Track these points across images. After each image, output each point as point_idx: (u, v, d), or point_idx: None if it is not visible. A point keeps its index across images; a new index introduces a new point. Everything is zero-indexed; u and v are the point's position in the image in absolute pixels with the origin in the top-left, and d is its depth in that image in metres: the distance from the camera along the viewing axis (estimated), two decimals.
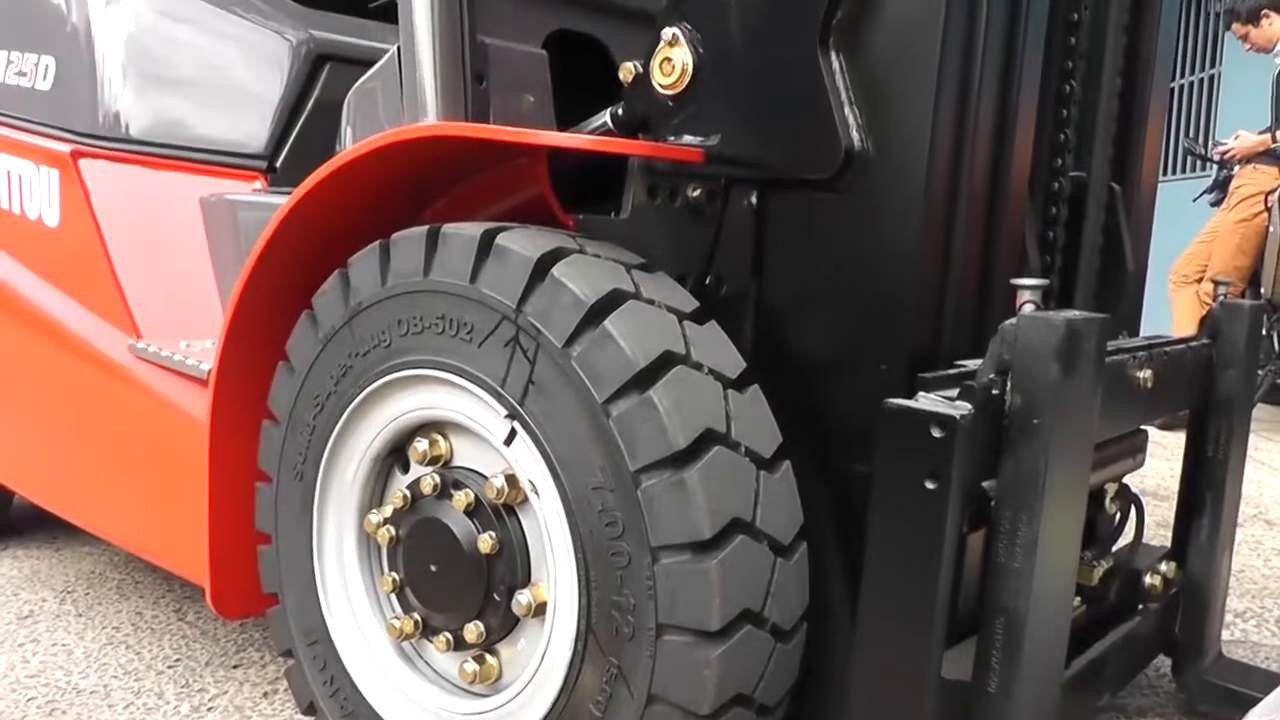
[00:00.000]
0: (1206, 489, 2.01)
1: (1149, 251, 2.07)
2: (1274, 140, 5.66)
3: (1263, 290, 5.63)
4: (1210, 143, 7.40)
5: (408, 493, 1.67)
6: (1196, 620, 2.04)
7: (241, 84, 2.33)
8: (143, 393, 2.19)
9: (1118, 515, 1.91)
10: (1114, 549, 1.92)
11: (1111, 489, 1.89)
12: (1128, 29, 1.88)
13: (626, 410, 1.36)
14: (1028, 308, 1.43)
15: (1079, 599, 1.77)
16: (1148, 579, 1.93)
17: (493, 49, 1.76)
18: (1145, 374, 1.68)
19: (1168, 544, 2.10)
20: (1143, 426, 1.90)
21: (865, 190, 1.51)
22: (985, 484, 1.34)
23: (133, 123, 2.40)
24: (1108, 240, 1.90)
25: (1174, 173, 9.65)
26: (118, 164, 2.42)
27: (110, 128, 2.41)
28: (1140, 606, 1.93)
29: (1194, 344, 1.92)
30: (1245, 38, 6.04)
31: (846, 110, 1.51)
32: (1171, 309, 6.04)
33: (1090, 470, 1.44)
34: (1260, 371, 5.48)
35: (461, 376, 1.53)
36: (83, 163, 2.44)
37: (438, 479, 1.63)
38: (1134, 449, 1.87)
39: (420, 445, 1.66)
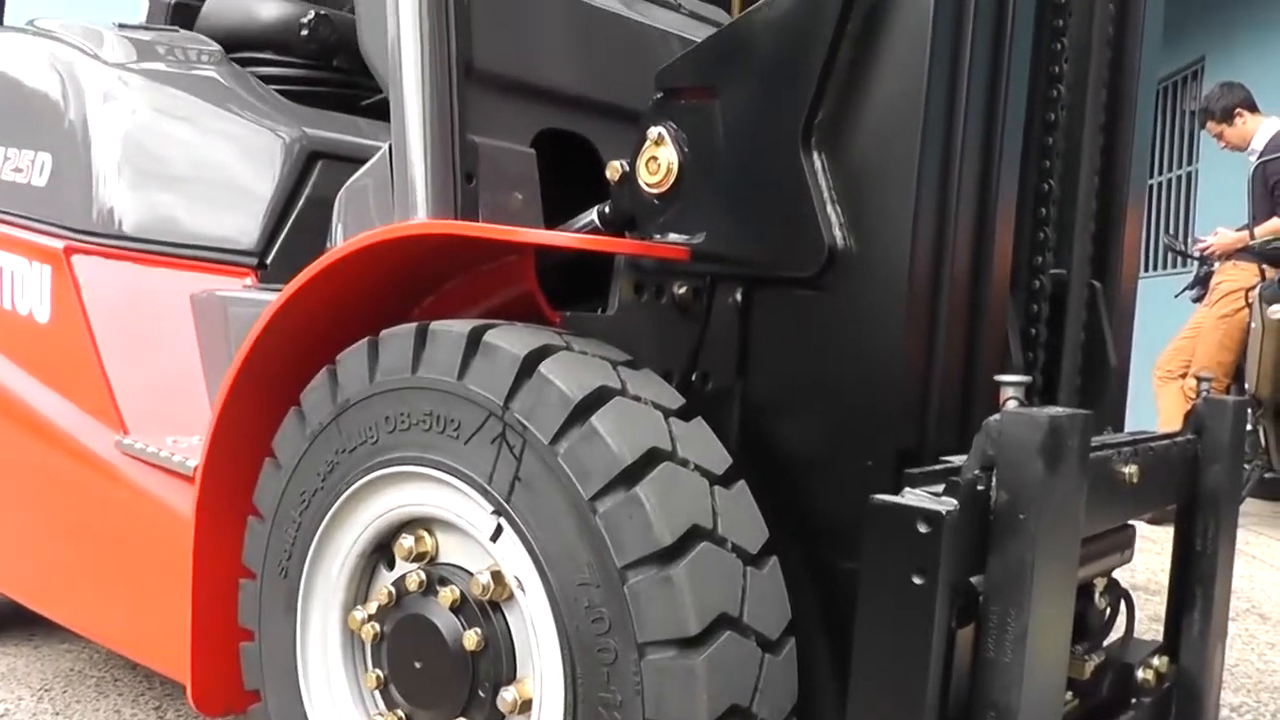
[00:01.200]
0: (1197, 583, 2.00)
1: (1131, 347, 2.09)
2: (1252, 237, 5.74)
3: (1247, 385, 5.66)
4: (1190, 239, 7.51)
5: (393, 589, 1.66)
6: (1191, 715, 2.02)
7: (234, 180, 2.36)
8: (128, 488, 2.18)
9: (1108, 609, 1.90)
10: (1105, 643, 1.91)
11: (1101, 583, 1.88)
12: (1104, 129, 1.92)
13: (613, 506, 1.36)
14: (1011, 404, 1.44)
15: (1071, 693, 1.76)
16: (1140, 673, 1.92)
17: (482, 148, 1.79)
18: (1131, 469, 1.69)
19: (1159, 638, 2.09)
20: (1130, 521, 1.90)
21: (848, 288, 1.52)
22: (973, 579, 1.34)
23: (126, 219, 2.42)
24: (1090, 337, 1.92)
25: (1155, 269, 9.77)
26: (110, 260, 2.44)
27: (104, 224, 2.44)
28: (1133, 701, 1.91)
29: (1179, 439, 1.93)
30: (1220, 136, 6.15)
31: (829, 208, 1.53)
32: (1157, 404, 6.07)
33: (1078, 565, 1.43)
34: (1246, 466, 5.48)
35: (448, 473, 1.53)
36: (75, 258, 2.46)
37: (423, 575, 1.62)
38: (1122, 544, 1.87)
39: (406, 541, 1.65)
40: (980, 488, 1.32)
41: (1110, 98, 1.94)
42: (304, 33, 2.44)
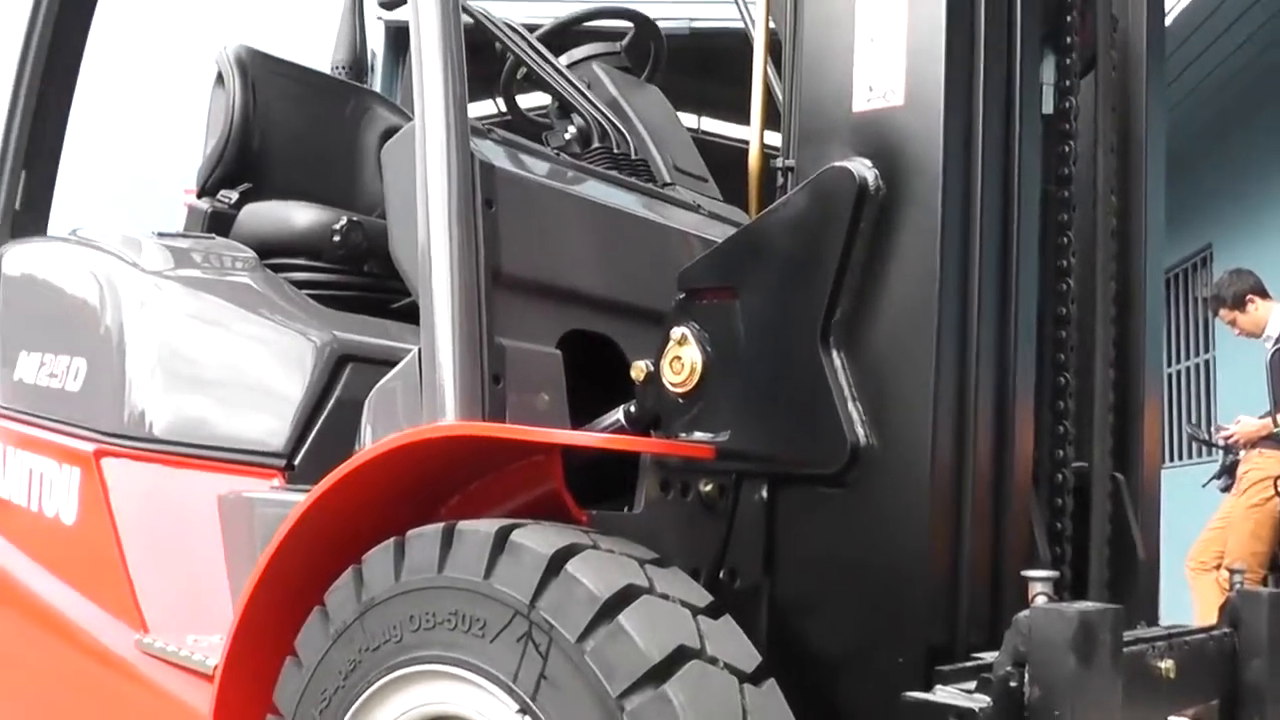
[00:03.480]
0: None
1: (1160, 539, 2.08)
2: (1275, 424, 5.72)
3: None
4: (1213, 427, 7.49)
5: None
6: None
7: (264, 384, 2.41)
8: (147, 688, 2.16)
9: None
10: None
11: None
12: (1115, 320, 1.96)
13: (641, 706, 1.34)
14: (1040, 599, 1.44)
15: None
16: None
17: (510, 350, 1.84)
18: (1167, 664, 1.66)
19: None
20: (1170, 718, 1.85)
21: (872, 484, 1.54)
22: None
23: (156, 422, 2.46)
24: (1116, 529, 1.91)
25: (1179, 459, 9.71)
26: (139, 462, 2.47)
27: (134, 427, 2.47)
28: None
29: (1216, 633, 1.90)
30: (1233, 323, 6.16)
31: (850, 406, 1.56)
32: (1192, 597, 5.95)
33: None
34: None
35: (473, 671, 1.52)
36: (105, 461, 2.49)
37: None
38: None
39: None
40: (1013, 684, 1.31)
41: (1119, 289, 1.98)
42: (336, 239, 2.53)
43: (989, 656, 1.47)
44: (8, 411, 2.84)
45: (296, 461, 2.25)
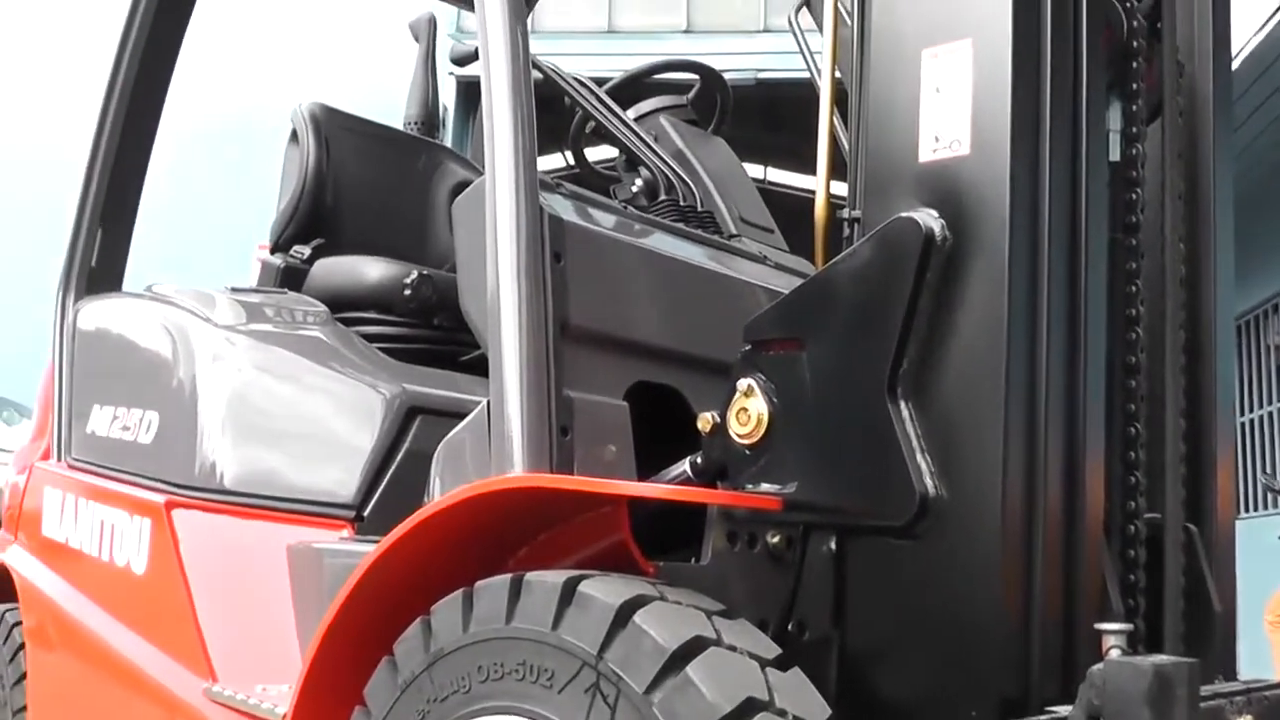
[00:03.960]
0: None
1: (1236, 591, 2.04)
2: None
3: None
4: None
5: None
6: None
7: (335, 436, 2.44)
8: None
9: None
10: None
11: None
12: (1185, 369, 1.94)
13: None
14: (1114, 652, 1.42)
15: None
16: None
17: (577, 402, 1.85)
18: (1246, 719, 1.63)
19: None
20: None
21: (942, 536, 1.53)
22: None
23: (227, 473, 2.50)
24: (1190, 582, 1.88)
25: (1255, 509, 9.50)
26: (209, 513, 2.51)
27: (205, 478, 2.52)
28: None
29: None
30: None
31: (919, 457, 1.56)
32: (1272, 651, 5.81)
33: None
34: None
35: None
36: (175, 512, 2.53)
37: None
38: None
39: None
40: None
41: (1189, 337, 1.96)
42: (406, 292, 2.57)
43: (1063, 710, 1.45)
44: (80, 464, 2.90)
45: (366, 513, 2.28)
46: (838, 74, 2.04)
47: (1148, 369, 1.85)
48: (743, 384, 1.73)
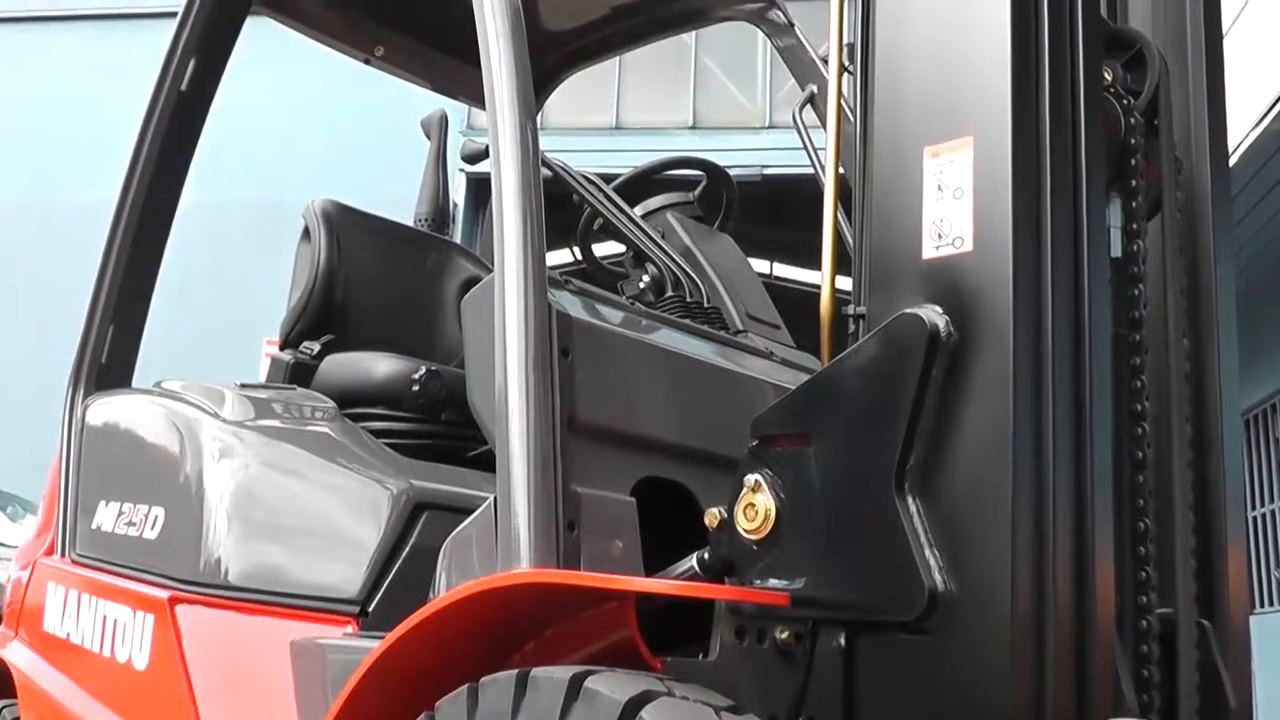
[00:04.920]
0: None
1: (1252, 687, 2.01)
2: None
3: None
4: None
5: None
6: None
7: (340, 531, 2.43)
8: None
9: None
10: None
11: None
12: (1192, 463, 1.94)
13: None
14: None
15: None
16: None
17: (584, 497, 1.85)
18: None
19: None
20: None
21: (952, 631, 1.52)
22: None
23: (232, 568, 2.49)
24: (1205, 677, 1.86)
25: (1269, 605, 9.40)
26: (213, 609, 2.49)
27: (210, 574, 2.51)
28: None
29: None
30: None
31: (927, 552, 1.55)
32: None
33: None
34: None
35: None
36: (179, 608, 2.52)
37: None
38: None
39: None
40: None
41: (1195, 432, 1.97)
42: (415, 388, 2.58)
43: None
44: (84, 560, 2.90)
45: (370, 608, 2.27)
46: (841, 170, 2.07)
47: (1155, 463, 1.85)
48: (750, 479, 1.73)
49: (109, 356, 3.14)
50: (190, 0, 2.98)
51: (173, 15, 3.02)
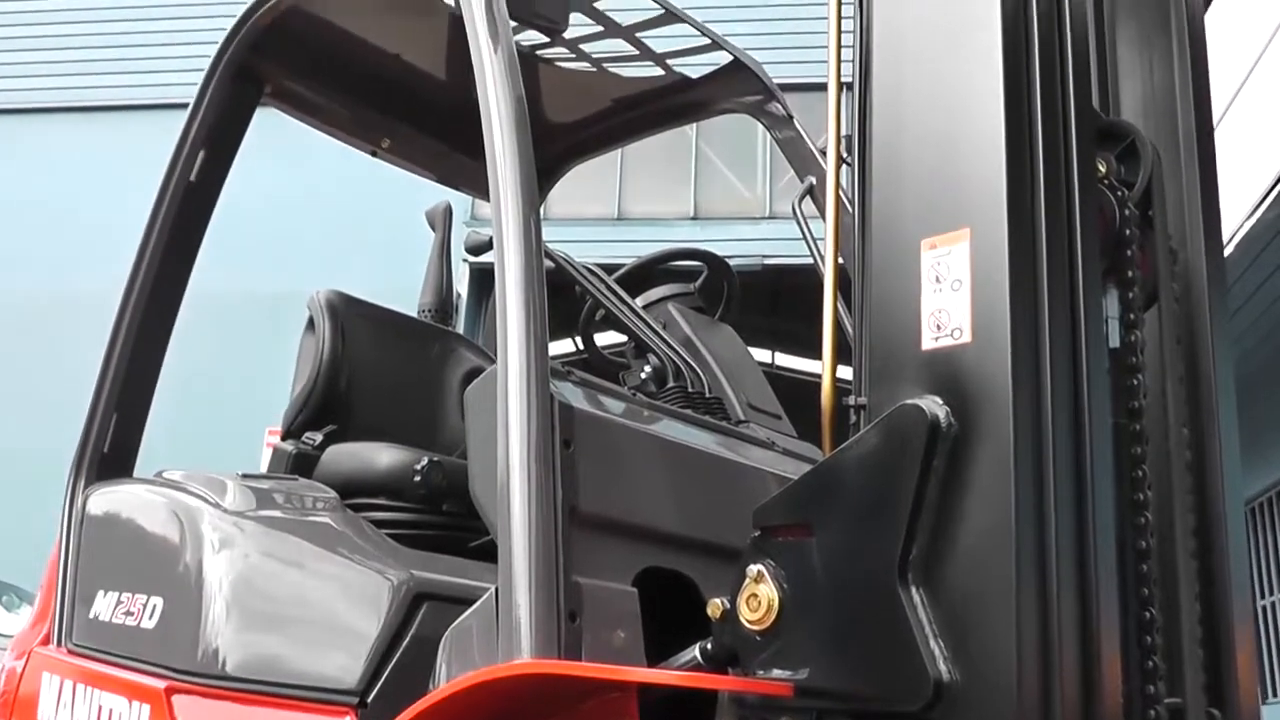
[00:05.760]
0: None
1: None
2: None
3: None
4: None
5: None
6: None
7: (340, 621, 2.42)
8: None
9: None
10: None
11: None
12: (1197, 553, 1.93)
13: None
14: None
15: None
16: None
17: (586, 587, 1.84)
18: None
19: None
20: None
21: None
22: None
23: (230, 659, 2.47)
24: None
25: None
26: (210, 699, 2.47)
27: (207, 664, 2.49)
28: None
29: None
30: None
31: (931, 643, 1.54)
32: None
33: None
34: None
35: None
36: (176, 698, 2.49)
37: None
38: None
39: None
40: None
41: (1199, 521, 1.96)
42: (416, 479, 2.58)
43: None
44: (80, 649, 2.87)
45: (370, 699, 2.24)
46: (841, 260, 2.09)
47: (1159, 552, 1.84)
48: (752, 570, 1.72)
49: (111, 445, 3.14)
50: (201, 92, 3.03)
51: (183, 106, 3.06)
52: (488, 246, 2.20)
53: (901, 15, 1.83)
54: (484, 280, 12.24)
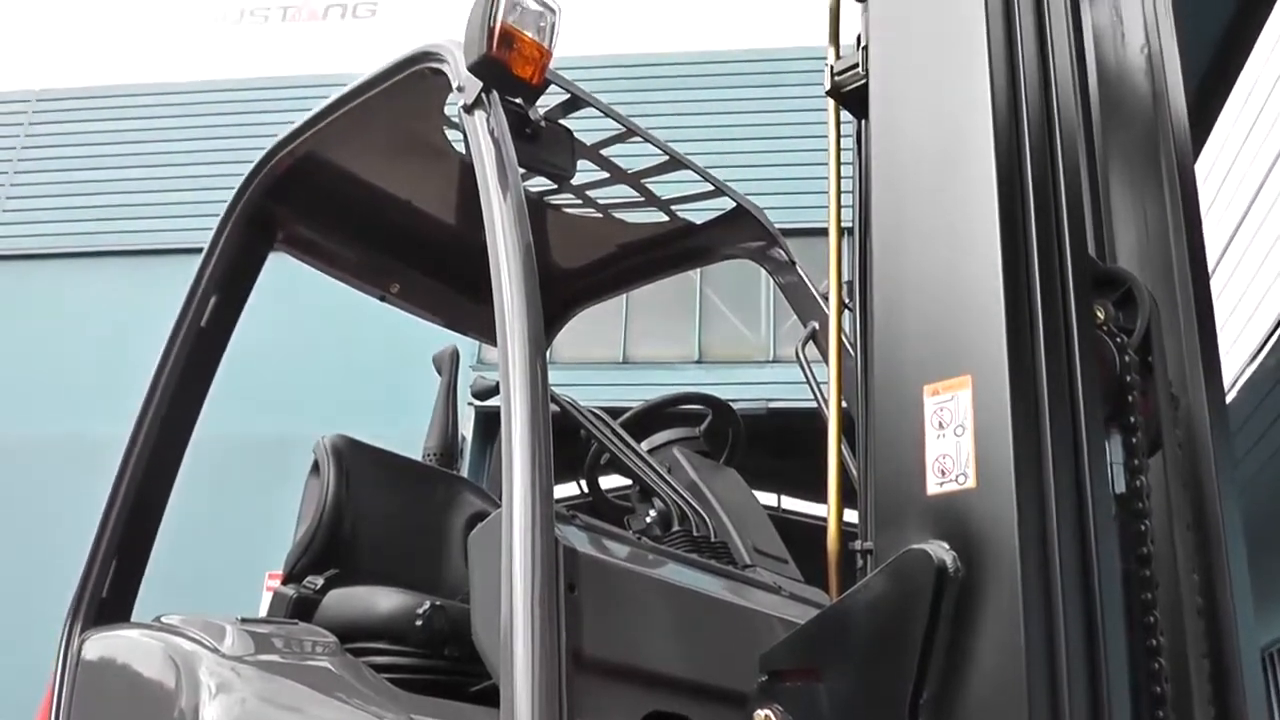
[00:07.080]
0: None
1: None
2: None
3: None
4: None
5: None
6: None
7: None
8: None
9: None
10: None
11: None
12: (1213, 700, 1.90)
13: None
14: None
15: None
16: None
17: None
18: None
19: None
20: None
21: None
22: None
23: None
24: None
25: None
26: None
27: None
28: None
29: None
30: None
31: None
32: None
33: None
34: None
35: None
36: None
37: None
38: None
39: None
40: None
41: (1214, 667, 1.93)
42: (418, 623, 2.56)
43: None
44: None
45: None
46: (845, 404, 2.10)
47: (1174, 699, 1.81)
48: (760, 714, 1.70)
49: (110, 590, 3.11)
50: (214, 238, 3.08)
51: (197, 251, 3.11)
52: (494, 391, 2.22)
53: (900, 152, 1.87)
54: (489, 424, 12.25)
